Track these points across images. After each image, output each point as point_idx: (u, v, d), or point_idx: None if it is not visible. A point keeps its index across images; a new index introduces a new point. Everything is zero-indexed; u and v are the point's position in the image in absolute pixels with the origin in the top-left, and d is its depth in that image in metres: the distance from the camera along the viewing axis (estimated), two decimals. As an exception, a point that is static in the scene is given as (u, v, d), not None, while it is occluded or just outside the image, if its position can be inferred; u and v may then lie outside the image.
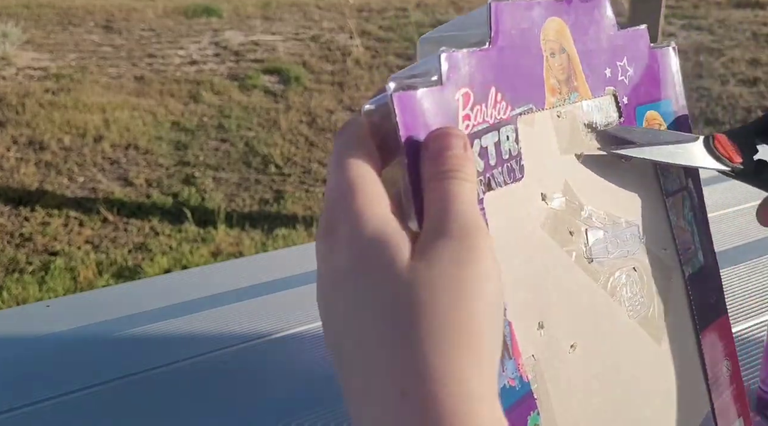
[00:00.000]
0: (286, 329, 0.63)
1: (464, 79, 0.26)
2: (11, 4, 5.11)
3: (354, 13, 5.23)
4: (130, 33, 4.66)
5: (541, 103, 0.29)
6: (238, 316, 0.66)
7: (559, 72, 0.30)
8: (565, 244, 0.30)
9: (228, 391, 0.54)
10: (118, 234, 2.43)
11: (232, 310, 0.67)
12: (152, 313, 0.67)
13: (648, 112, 0.35)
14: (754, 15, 5.17)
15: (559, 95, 0.30)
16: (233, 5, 5.37)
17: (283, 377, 0.56)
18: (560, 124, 0.31)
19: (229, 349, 0.60)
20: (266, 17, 5.13)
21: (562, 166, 0.30)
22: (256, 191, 2.75)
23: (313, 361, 0.58)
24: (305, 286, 0.71)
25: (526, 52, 0.28)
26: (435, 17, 5.12)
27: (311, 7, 5.42)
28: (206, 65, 4.07)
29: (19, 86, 3.60)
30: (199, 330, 0.64)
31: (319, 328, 0.63)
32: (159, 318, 0.66)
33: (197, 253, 2.31)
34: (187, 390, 0.55)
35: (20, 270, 2.21)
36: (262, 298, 0.69)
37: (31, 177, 2.77)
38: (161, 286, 0.73)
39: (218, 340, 0.61)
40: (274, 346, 0.60)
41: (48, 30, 4.63)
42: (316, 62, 4.14)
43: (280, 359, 0.59)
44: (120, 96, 3.55)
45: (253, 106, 3.50)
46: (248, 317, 0.65)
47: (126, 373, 0.57)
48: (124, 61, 4.10)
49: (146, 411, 0.53)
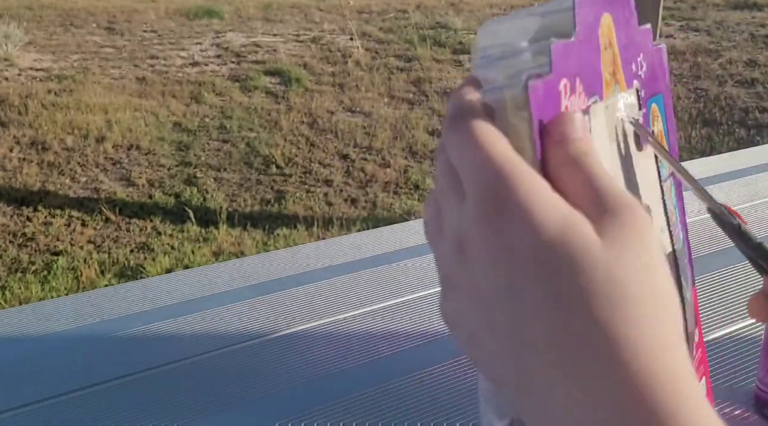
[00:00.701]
0: (286, 329, 0.63)
1: (564, 70, 0.27)
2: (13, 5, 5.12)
3: (354, 15, 5.24)
4: (132, 34, 4.67)
5: (602, 96, 0.31)
6: (239, 315, 0.66)
7: (608, 65, 0.32)
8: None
9: (228, 390, 0.55)
10: (121, 234, 2.44)
11: (233, 310, 0.67)
12: (154, 312, 0.67)
13: (652, 105, 0.37)
14: (751, 16, 5.17)
15: (610, 88, 0.32)
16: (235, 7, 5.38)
17: (283, 377, 0.56)
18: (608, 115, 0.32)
19: (229, 348, 0.61)
20: (267, 19, 5.13)
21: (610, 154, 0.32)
22: (257, 191, 2.76)
23: (312, 360, 0.58)
24: (306, 286, 0.71)
25: (590, 45, 0.30)
26: (434, 19, 5.13)
27: (312, 8, 5.43)
28: (208, 66, 4.08)
29: (21, 87, 3.61)
30: (200, 329, 0.64)
31: (319, 327, 0.63)
32: (160, 317, 0.66)
33: (199, 252, 2.32)
34: (188, 389, 0.55)
35: (23, 270, 2.22)
36: (262, 298, 0.69)
37: (34, 177, 2.78)
38: (163, 285, 0.73)
39: (219, 340, 0.62)
40: (274, 346, 0.61)
41: (50, 31, 4.64)
42: (316, 64, 4.15)
43: (280, 359, 0.59)
44: (122, 97, 3.56)
45: (254, 107, 3.50)
46: (249, 317, 0.66)
47: (127, 372, 0.58)
48: (126, 62, 4.11)
49: (146, 409, 0.53)
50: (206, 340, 0.62)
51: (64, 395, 0.55)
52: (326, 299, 0.68)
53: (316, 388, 0.54)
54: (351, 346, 0.60)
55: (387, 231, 0.86)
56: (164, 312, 0.67)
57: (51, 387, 0.56)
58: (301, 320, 0.64)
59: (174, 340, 0.62)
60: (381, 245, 0.81)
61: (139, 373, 0.57)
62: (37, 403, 0.54)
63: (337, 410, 0.52)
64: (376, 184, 2.83)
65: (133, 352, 0.60)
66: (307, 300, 0.68)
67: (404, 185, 2.83)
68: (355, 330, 0.63)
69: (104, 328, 0.64)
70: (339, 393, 0.54)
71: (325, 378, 0.56)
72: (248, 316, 0.66)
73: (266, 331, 0.63)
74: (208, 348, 0.60)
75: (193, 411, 0.52)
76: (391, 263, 0.75)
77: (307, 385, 0.55)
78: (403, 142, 3.17)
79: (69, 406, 0.54)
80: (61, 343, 0.62)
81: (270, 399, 0.53)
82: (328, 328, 0.63)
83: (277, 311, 0.66)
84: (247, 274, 0.75)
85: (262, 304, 0.68)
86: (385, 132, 3.25)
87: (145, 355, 0.60)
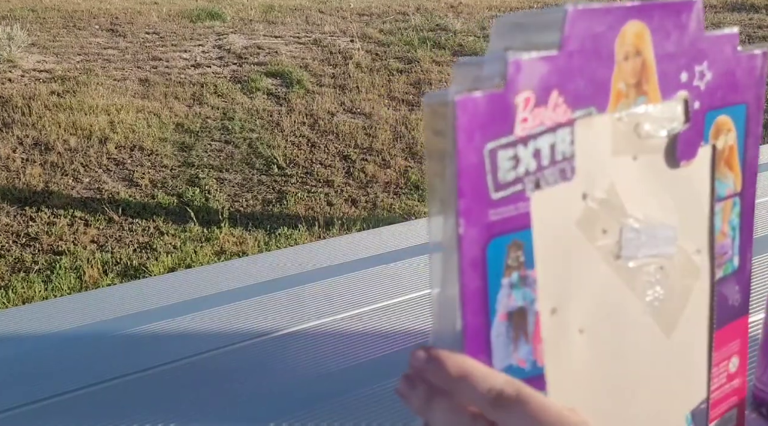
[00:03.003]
0: (287, 328, 0.64)
1: (527, 83, 0.26)
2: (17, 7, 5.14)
3: (355, 17, 5.25)
4: (134, 36, 4.68)
5: (603, 107, 0.29)
6: (240, 314, 0.66)
7: (629, 76, 0.30)
8: (595, 240, 0.31)
9: (228, 390, 0.55)
10: (123, 234, 2.46)
11: (234, 309, 0.67)
12: (156, 311, 0.67)
13: (719, 117, 0.34)
14: (748, 18, 5.17)
15: (625, 99, 0.30)
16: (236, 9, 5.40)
17: (283, 376, 0.57)
18: (618, 127, 0.30)
19: (229, 347, 0.61)
20: (269, 21, 5.15)
21: (611, 167, 0.31)
22: (259, 192, 2.77)
23: (312, 360, 0.59)
24: (306, 286, 0.71)
25: (595, 55, 0.28)
26: (434, 21, 5.14)
27: (313, 11, 5.44)
28: (210, 68, 4.10)
29: (24, 88, 3.63)
30: (201, 328, 0.64)
31: (319, 326, 0.64)
32: (163, 317, 0.66)
33: (201, 252, 2.33)
34: (188, 388, 0.56)
35: (26, 269, 2.24)
36: (263, 297, 0.69)
37: (37, 178, 2.79)
38: (165, 285, 0.73)
39: (219, 339, 0.62)
40: (274, 345, 0.61)
41: (53, 33, 4.66)
42: (317, 65, 4.16)
43: (279, 358, 0.59)
44: (125, 98, 3.57)
45: (256, 108, 3.52)
46: (249, 316, 0.66)
47: (127, 372, 0.58)
48: (129, 63, 4.13)
49: (146, 408, 0.53)
50: (206, 340, 0.62)
51: (65, 394, 0.55)
52: (326, 299, 0.68)
53: (315, 387, 0.55)
54: (351, 345, 0.61)
55: (387, 231, 0.86)
56: (167, 311, 0.67)
57: (52, 386, 0.56)
58: (301, 320, 0.65)
59: (176, 339, 0.62)
60: (381, 245, 0.81)
61: (139, 373, 0.57)
62: (38, 402, 0.54)
63: (337, 410, 0.52)
64: (377, 184, 2.85)
65: (133, 352, 0.60)
66: (306, 300, 0.68)
67: (404, 186, 2.84)
68: (355, 329, 0.63)
69: (106, 328, 0.65)
70: (339, 392, 0.54)
71: (324, 377, 0.56)
72: (249, 316, 0.66)
73: (267, 331, 0.63)
74: (208, 348, 0.61)
75: (193, 411, 0.53)
76: (391, 263, 0.76)
77: (306, 384, 0.55)
78: (403, 143, 3.18)
79: (69, 405, 0.54)
80: (63, 342, 0.62)
81: (270, 398, 0.54)
82: (327, 327, 0.64)
83: (278, 311, 0.67)
84: (249, 274, 0.75)
85: (263, 304, 0.68)
86: (386, 133, 3.26)
87: (145, 355, 0.60)
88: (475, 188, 0.26)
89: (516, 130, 0.27)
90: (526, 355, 0.29)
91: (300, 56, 4.33)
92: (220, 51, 4.41)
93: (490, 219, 0.27)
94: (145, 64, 4.11)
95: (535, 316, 0.29)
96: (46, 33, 4.62)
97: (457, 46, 4.57)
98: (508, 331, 0.28)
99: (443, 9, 5.56)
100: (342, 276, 0.73)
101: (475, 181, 0.26)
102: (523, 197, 0.28)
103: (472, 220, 0.26)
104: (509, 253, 0.28)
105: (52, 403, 0.54)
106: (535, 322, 0.29)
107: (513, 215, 0.28)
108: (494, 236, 0.27)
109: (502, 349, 0.28)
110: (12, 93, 3.53)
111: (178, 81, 3.83)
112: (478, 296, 0.27)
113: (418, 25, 4.99)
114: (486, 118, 0.26)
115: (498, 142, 0.26)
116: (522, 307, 0.29)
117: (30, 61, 4.07)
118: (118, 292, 0.73)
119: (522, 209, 0.28)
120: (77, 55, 4.24)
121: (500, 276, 0.28)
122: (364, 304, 0.67)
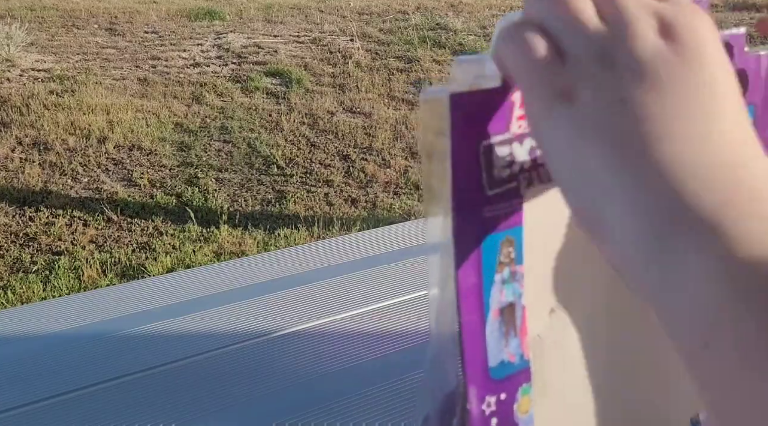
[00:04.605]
0: (287, 328, 0.64)
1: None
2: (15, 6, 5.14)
3: (355, 16, 5.25)
4: (133, 35, 4.68)
5: None
6: (239, 315, 0.66)
7: None
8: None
9: (228, 390, 0.55)
10: (122, 234, 2.45)
11: (234, 309, 0.67)
12: (155, 312, 0.68)
13: None
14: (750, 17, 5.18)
15: None
16: (236, 8, 5.39)
17: (283, 376, 0.57)
18: None
19: (229, 348, 0.61)
20: (268, 20, 5.14)
21: None
22: (258, 192, 2.77)
23: (312, 360, 0.59)
24: (306, 286, 0.72)
25: None
26: (434, 20, 5.14)
27: (312, 10, 5.44)
28: (209, 67, 4.09)
29: (23, 88, 3.62)
30: (201, 329, 0.64)
31: (318, 327, 0.64)
32: (162, 317, 0.66)
33: (200, 252, 2.33)
34: (187, 388, 0.56)
35: (25, 269, 2.23)
36: (263, 298, 0.70)
37: (36, 177, 2.79)
38: (164, 285, 0.74)
39: (219, 339, 0.62)
40: (274, 346, 0.61)
41: (52, 32, 4.65)
42: (317, 65, 4.16)
43: (280, 358, 0.59)
44: (124, 97, 3.57)
45: (255, 107, 3.51)
46: (249, 316, 0.66)
47: (126, 371, 0.58)
48: (128, 63, 4.12)
49: (146, 409, 0.53)
50: (206, 340, 0.62)
51: (64, 394, 0.55)
52: (326, 299, 0.69)
53: (315, 387, 0.55)
54: (350, 345, 0.61)
55: (387, 231, 0.86)
56: (165, 311, 0.67)
57: (51, 386, 0.56)
58: (301, 320, 0.65)
59: (174, 340, 0.62)
60: (381, 245, 0.81)
61: (139, 373, 0.57)
62: (38, 402, 0.54)
63: (337, 410, 0.52)
64: (376, 184, 2.85)
65: (133, 352, 0.60)
66: (306, 300, 0.68)
67: (404, 186, 2.84)
68: (355, 329, 0.63)
69: (105, 328, 0.65)
70: (338, 392, 0.54)
71: (324, 377, 0.56)
72: (249, 316, 0.66)
73: (266, 331, 0.63)
74: (208, 348, 0.61)
75: (193, 411, 0.53)
76: (391, 263, 0.76)
77: (306, 384, 0.55)
78: (403, 143, 3.18)
79: (69, 405, 0.54)
80: (62, 342, 0.62)
81: (270, 399, 0.54)
82: (327, 327, 0.64)
83: (278, 311, 0.67)
84: (248, 274, 0.75)
85: (263, 304, 0.68)
86: (386, 132, 3.26)
87: (145, 355, 0.60)
88: (470, 184, 0.26)
89: (512, 127, 0.27)
90: (515, 349, 0.29)
91: (299, 55, 4.32)
92: (219, 50, 4.41)
93: (485, 215, 0.27)
94: (144, 64, 4.10)
95: (522, 310, 0.29)
96: (44, 32, 4.61)
97: (458, 45, 4.57)
98: (500, 327, 0.29)
99: (443, 8, 5.55)
100: (342, 276, 0.74)
101: (470, 177, 0.26)
102: (517, 194, 0.28)
103: (466, 216, 0.27)
104: (501, 249, 0.28)
105: (51, 403, 0.54)
106: (522, 317, 0.29)
107: (507, 212, 0.28)
108: (489, 233, 0.27)
109: (496, 345, 0.29)
110: (10, 92, 3.53)
111: (177, 80, 3.83)
112: (474, 293, 0.27)
113: (419, 24, 4.99)
114: (482, 115, 0.26)
115: (493, 139, 0.26)
116: (512, 303, 0.29)
117: (28, 60, 4.07)
118: (116, 292, 0.73)
119: (516, 206, 0.28)
120: (76, 54, 4.24)
121: (494, 272, 0.28)
122: (364, 305, 0.67)
